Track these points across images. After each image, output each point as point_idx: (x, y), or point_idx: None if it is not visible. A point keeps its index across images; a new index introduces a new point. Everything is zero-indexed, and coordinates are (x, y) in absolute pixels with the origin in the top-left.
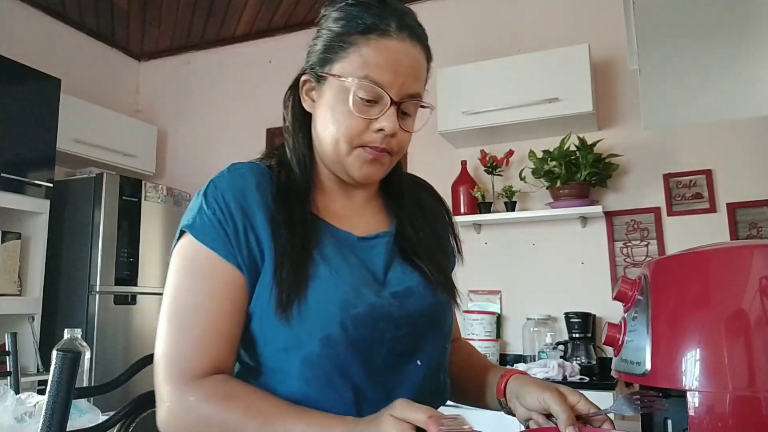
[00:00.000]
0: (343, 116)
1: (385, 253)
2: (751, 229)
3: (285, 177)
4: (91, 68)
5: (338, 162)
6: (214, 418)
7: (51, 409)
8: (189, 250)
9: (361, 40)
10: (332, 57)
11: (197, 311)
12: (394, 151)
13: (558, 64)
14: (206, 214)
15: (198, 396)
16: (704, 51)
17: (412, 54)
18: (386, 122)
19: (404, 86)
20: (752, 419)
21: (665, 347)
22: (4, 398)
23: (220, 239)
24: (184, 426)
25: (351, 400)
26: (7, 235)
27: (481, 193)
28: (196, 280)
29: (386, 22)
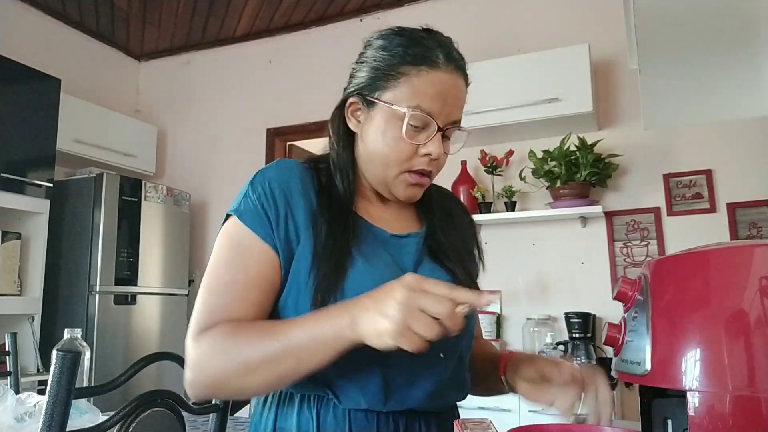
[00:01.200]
0: (394, 141)
1: (415, 252)
2: (751, 229)
3: (326, 180)
4: (91, 68)
5: (384, 182)
6: (224, 351)
7: (51, 409)
8: (232, 230)
9: (412, 71)
10: (382, 84)
11: (231, 283)
12: (434, 173)
13: (558, 64)
14: (251, 199)
15: (209, 338)
16: (704, 51)
17: (457, 85)
18: (433, 148)
19: (450, 115)
20: (752, 419)
21: (665, 347)
22: (4, 398)
23: (261, 222)
24: (202, 374)
25: (379, 385)
26: (7, 235)
27: (481, 193)
28: (234, 256)
29: (435, 54)
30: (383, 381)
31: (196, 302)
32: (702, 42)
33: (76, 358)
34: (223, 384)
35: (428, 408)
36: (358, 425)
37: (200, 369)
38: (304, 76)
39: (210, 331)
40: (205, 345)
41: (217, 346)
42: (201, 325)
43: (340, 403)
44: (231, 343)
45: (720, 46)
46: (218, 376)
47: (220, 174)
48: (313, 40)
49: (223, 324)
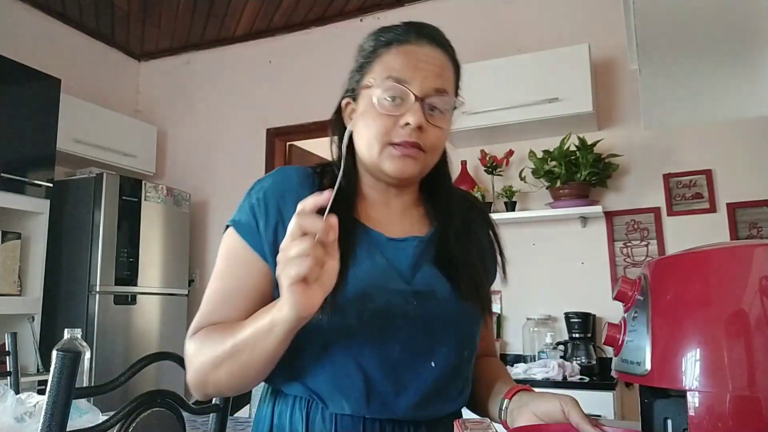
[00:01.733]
0: (372, 118)
1: (412, 255)
2: (751, 229)
3: (329, 183)
4: (91, 68)
5: (373, 163)
6: (201, 350)
7: (51, 409)
8: (229, 241)
9: (384, 51)
10: (362, 74)
11: (222, 291)
12: (427, 147)
13: (558, 64)
14: (245, 210)
15: (194, 340)
16: (704, 51)
17: (431, 54)
18: (411, 116)
19: (426, 81)
20: (752, 419)
21: (665, 347)
22: (4, 398)
23: (252, 232)
24: (192, 372)
25: (362, 390)
26: (7, 235)
27: (481, 193)
28: (228, 265)
29: (407, 34)
30: (365, 387)
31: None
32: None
33: (76, 358)
34: (204, 380)
35: (414, 417)
36: (344, 429)
37: (188, 368)
38: (304, 76)
39: (195, 334)
40: (190, 346)
41: (197, 346)
42: (192, 330)
43: (327, 407)
44: (206, 343)
45: (720, 46)
46: (199, 373)
47: (220, 174)
48: (313, 40)
49: (207, 327)
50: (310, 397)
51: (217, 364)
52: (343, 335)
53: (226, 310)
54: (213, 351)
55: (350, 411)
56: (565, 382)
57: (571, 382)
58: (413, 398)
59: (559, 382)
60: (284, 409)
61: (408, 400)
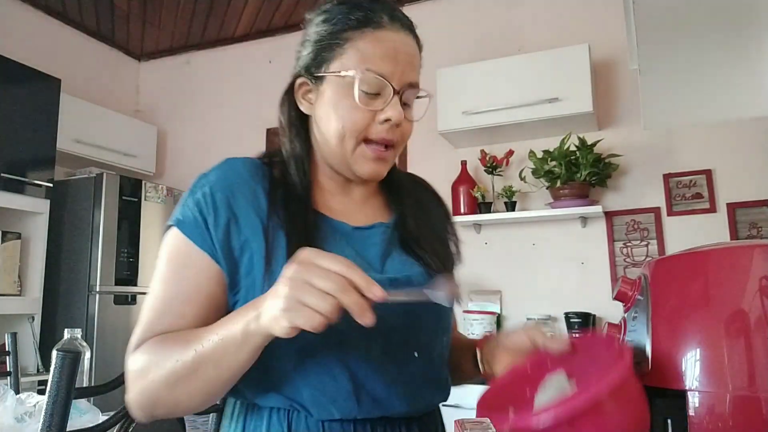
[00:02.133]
0: (347, 111)
1: (380, 242)
2: (751, 229)
3: (279, 174)
4: (91, 68)
5: (343, 159)
6: (149, 366)
7: (51, 409)
8: (172, 242)
9: (356, 35)
10: (328, 56)
11: (166, 298)
12: (398, 142)
13: (558, 64)
14: (189, 208)
15: (138, 354)
16: (704, 51)
17: (407, 42)
18: (392, 111)
19: (404, 75)
20: (752, 419)
21: (665, 347)
22: (4, 398)
23: (198, 230)
24: (137, 393)
25: (349, 389)
26: (7, 235)
27: (481, 193)
28: (172, 269)
29: (378, 15)
30: (352, 385)
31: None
32: (702, 42)
33: (76, 358)
34: (153, 401)
35: (408, 412)
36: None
37: (130, 387)
38: None
39: (139, 348)
40: (133, 362)
41: (143, 362)
42: (133, 344)
43: (311, 415)
44: (155, 358)
45: (720, 46)
46: (147, 394)
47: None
48: None
49: (152, 339)
50: (291, 407)
51: (172, 383)
52: (324, 334)
53: (172, 319)
54: (166, 367)
55: (340, 415)
56: None
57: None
58: (403, 391)
59: None
60: (258, 424)
61: (398, 395)
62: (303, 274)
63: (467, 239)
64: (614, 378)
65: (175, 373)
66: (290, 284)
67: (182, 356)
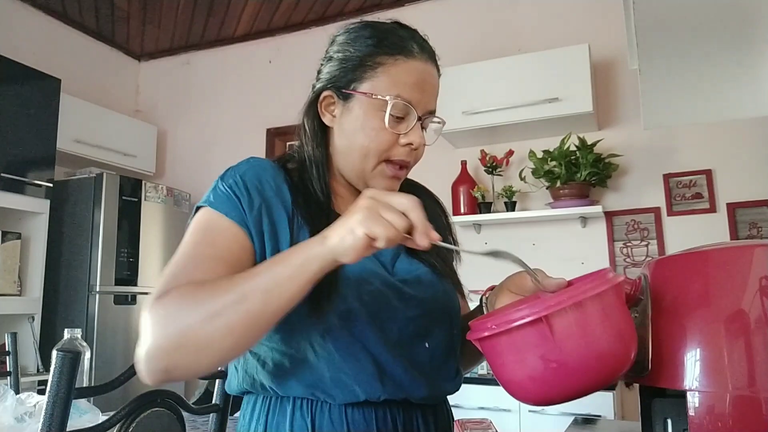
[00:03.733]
0: (375, 132)
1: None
2: (751, 229)
3: (297, 177)
4: (91, 68)
5: (361, 174)
6: (185, 304)
7: (51, 409)
8: (202, 218)
9: (389, 60)
10: (358, 75)
11: (197, 256)
12: (412, 164)
13: (558, 64)
14: (221, 190)
15: (169, 298)
16: (704, 51)
17: (432, 73)
18: (415, 137)
19: (427, 104)
20: (752, 419)
21: (665, 347)
22: (4, 398)
23: (232, 205)
24: (161, 336)
25: (373, 371)
26: (7, 235)
27: (481, 193)
28: (204, 235)
29: (410, 43)
30: (376, 368)
31: (160, 277)
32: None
33: (76, 358)
34: (183, 343)
35: (425, 398)
36: (356, 425)
37: (152, 334)
38: (304, 76)
39: (169, 293)
40: (164, 306)
41: (174, 304)
42: (159, 292)
43: (335, 399)
44: (191, 297)
45: (720, 46)
46: (177, 334)
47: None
48: (313, 40)
49: (185, 284)
50: (313, 396)
51: (211, 316)
52: (345, 319)
53: (203, 275)
54: (206, 302)
55: (365, 396)
56: None
57: None
58: (419, 377)
59: None
60: (282, 419)
61: (418, 379)
62: (378, 198)
63: (467, 239)
64: (594, 284)
65: (217, 305)
66: (368, 203)
67: (228, 287)
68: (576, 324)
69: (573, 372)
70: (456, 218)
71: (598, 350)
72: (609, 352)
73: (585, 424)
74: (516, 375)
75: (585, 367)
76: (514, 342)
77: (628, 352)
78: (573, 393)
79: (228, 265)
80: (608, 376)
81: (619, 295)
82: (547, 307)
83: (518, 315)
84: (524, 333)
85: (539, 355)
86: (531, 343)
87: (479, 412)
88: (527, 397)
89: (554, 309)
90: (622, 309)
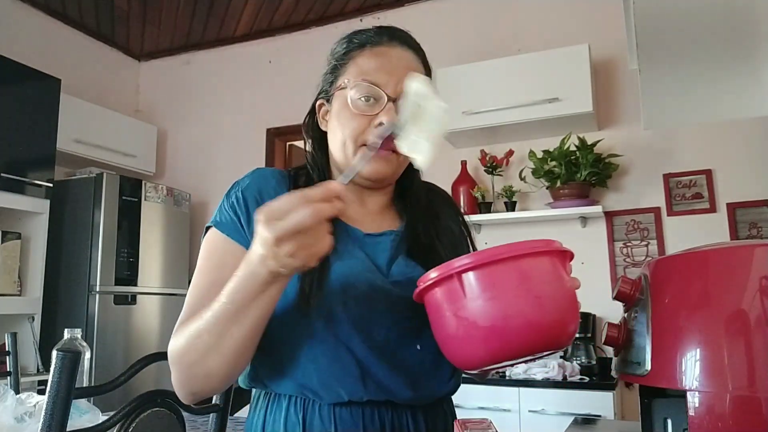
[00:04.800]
0: (347, 119)
1: (389, 249)
2: (751, 229)
3: (304, 183)
4: (91, 68)
5: (347, 164)
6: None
7: (51, 409)
8: (211, 239)
9: (357, 54)
10: (336, 76)
11: (207, 284)
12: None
13: (558, 64)
14: (225, 209)
15: (180, 329)
16: (704, 51)
17: (404, 56)
18: (385, 116)
19: (399, 84)
20: (752, 419)
21: (665, 347)
22: (4, 398)
23: (233, 226)
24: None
25: (357, 374)
26: (7, 235)
27: (481, 193)
28: (212, 261)
29: (379, 36)
30: (359, 370)
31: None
32: (702, 42)
33: (76, 358)
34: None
35: (412, 399)
36: (343, 424)
37: (173, 370)
38: (304, 76)
39: (176, 332)
40: (172, 346)
41: (178, 344)
42: (179, 323)
43: (323, 399)
44: (191, 324)
45: (720, 46)
46: (185, 371)
47: (220, 174)
48: (313, 40)
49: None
50: (304, 395)
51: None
52: (329, 321)
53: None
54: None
55: (348, 396)
56: (565, 382)
57: (571, 382)
58: (406, 378)
59: (559, 382)
60: (277, 414)
61: (403, 381)
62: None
63: None
64: (520, 248)
65: (201, 328)
66: (261, 241)
67: (208, 311)
68: (488, 284)
69: (486, 333)
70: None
71: (508, 313)
72: (522, 316)
73: (585, 424)
74: (440, 334)
75: (496, 329)
76: (436, 299)
77: (552, 322)
78: (492, 356)
79: None
80: (529, 343)
81: (553, 265)
82: (462, 265)
83: (436, 272)
84: (441, 290)
85: (453, 313)
86: (446, 299)
87: (479, 412)
88: (455, 359)
89: (467, 267)
90: (554, 279)
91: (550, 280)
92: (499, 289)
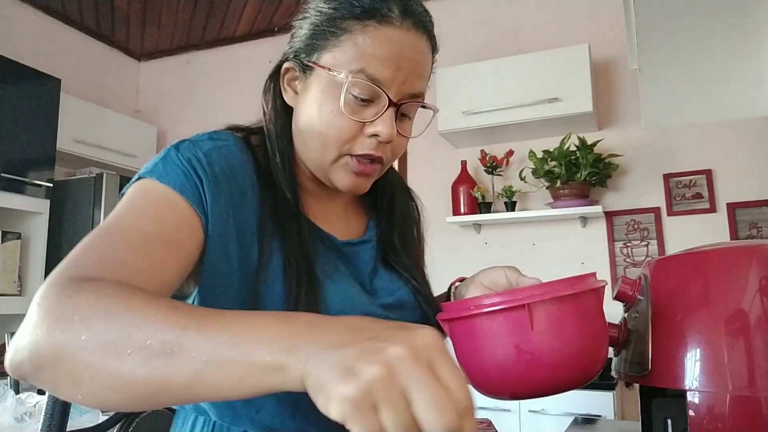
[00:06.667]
0: (332, 116)
1: (369, 260)
2: (751, 229)
3: (264, 162)
4: (91, 68)
5: (322, 167)
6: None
7: (51, 409)
8: (140, 188)
9: (357, 27)
10: (321, 44)
11: (135, 234)
12: (387, 159)
13: (558, 64)
14: (175, 162)
15: (94, 290)
16: (704, 51)
17: (416, 46)
18: (382, 127)
19: (405, 84)
20: (752, 419)
21: (665, 347)
22: (4, 398)
23: (190, 183)
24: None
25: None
26: (7, 235)
27: (481, 193)
28: (147, 208)
29: (388, 6)
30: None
31: (74, 248)
32: (702, 42)
33: None
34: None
35: None
36: None
37: (50, 326)
38: None
39: (95, 283)
40: (85, 298)
41: (103, 303)
42: (81, 271)
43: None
44: (124, 305)
45: (720, 46)
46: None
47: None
48: None
49: (109, 282)
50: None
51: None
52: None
53: (150, 261)
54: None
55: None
56: None
57: None
58: None
59: None
60: None
61: None
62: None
63: (467, 239)
64: (575, 284)
65: (132, 341)
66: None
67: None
68: (556, 318)
69: (544, 367)
70: (456, 218)
71: (573, 349)
72: (583, 352)
73: (585, 424)
74: (485, 362)
75: (557, 364)
76: (492, 327)
77: (599, 358)
78: (535, 390)
79: (173, 253)
80: (575, 378)
81: (598, 300)
82: (531, 296)
83: (500, 299)
84: (504, 319)
85: (514, 344)
86: (509, 330)
87: (479, 412)
88: (489, 388)
89: (538, 299)
90: (600, 314)
91: (600, 316)
92: (568, 324)
